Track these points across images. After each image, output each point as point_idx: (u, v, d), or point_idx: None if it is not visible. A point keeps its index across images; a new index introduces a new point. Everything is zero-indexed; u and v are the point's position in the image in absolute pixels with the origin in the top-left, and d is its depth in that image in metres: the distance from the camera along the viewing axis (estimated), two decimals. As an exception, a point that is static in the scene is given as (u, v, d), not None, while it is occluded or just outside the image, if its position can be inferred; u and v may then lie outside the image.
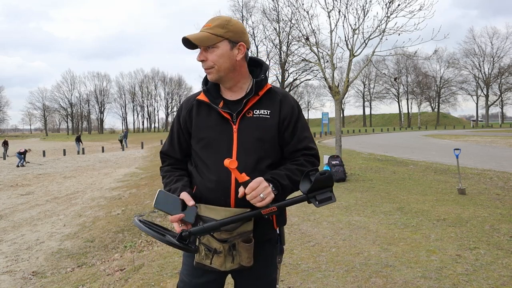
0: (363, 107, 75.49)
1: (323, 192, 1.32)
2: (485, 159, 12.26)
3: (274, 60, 42.15)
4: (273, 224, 1.47)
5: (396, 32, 8.71)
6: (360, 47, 9.06)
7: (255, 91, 1.43)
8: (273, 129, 1.43)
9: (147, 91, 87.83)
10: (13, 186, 12.13)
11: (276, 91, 1.50)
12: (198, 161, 1.47)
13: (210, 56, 1.39)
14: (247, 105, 1.42)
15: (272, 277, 1.53)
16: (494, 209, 5.35)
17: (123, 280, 3.51)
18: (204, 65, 1.41)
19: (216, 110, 1.43)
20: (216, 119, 1.43)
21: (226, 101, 1.45)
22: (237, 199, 1.37)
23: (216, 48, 1.38)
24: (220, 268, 1.37)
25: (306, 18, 9.56)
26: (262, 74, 1.48)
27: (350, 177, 8.71)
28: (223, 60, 1.39)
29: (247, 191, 1.25)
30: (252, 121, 1.42)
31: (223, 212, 1.36)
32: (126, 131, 38.90)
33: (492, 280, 3.02)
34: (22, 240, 5.90)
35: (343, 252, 3.80)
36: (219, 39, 1.37)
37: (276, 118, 1.44)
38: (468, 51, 60.05)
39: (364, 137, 31.27)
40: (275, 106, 1.45)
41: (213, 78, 1.42)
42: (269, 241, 1.50)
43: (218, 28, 1.37)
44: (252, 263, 1.38)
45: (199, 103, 1.48)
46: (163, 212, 1.31)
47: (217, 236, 1.34)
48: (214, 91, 1.48)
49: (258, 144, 1.41)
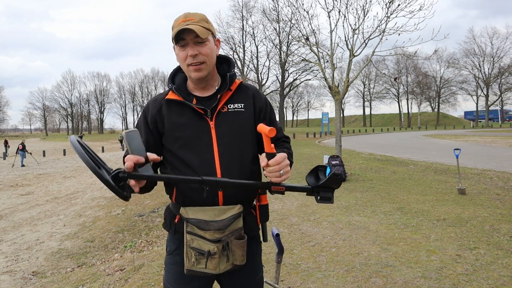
0: (363, 107, 75.53)
1: (326, 191, 1.34)
2: (485, 159, 12.26)
3: (274, 60, 42.17)
4: (257, 220, 1.45)
5: (396, 32, 8.71)
6: (360, 47, 9.07)
7: (228, 86, 1.40)
8: (250, 121, 1.42)
9: (147, 91, 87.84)
10: (13, 186, 12.13)
11: (247, 87, 1.49)
12: (176, 161, 1.38)
13: (202, 51, 1.32)
14: (222, 100, 1.39)
15: (259, 275, 1.50)
16: (494, 209, 5.35)
17: (123, 280, 3.51)
18: (194, 60, 1.32)
19: (189, 108, 1.38)
20: (190, 117, 1.38)
21: (198, 98, 1.40)
22: (225, 196, 1.33)
23: (208, 42, 1.34)
24: (214, 271, 1.31)
25: (306, 18, 9.57)
26: (232, 69, 1.45)
27: (350, 177, 8.71)
28: (212, 55, 1.36)
29: (271, 162, 1.21)
30: (228, 116, 1.39)
31: (211, 211, 1.32)
32: (126, 131, 38.81)
33: (492, 280, 3.02)
34: (22, 240, 5.90)
35: (343, 252, 3.80)
36: (209, 32, 1.33)
37: (251, 111, 1.43)
38: (468, 51, 60.02)
39: (364, 137, 31.27)
40: (248, 100, 1.44)
41: (202, 75, 1.35)
42: (254, 238, 1.47)
43: (204, 22, 1.33)
44: (245, 261, 1.35)
45: (169, 102, 1.41)
46: (127, 145, 1.17)
47: (210, 237, 1.29)
48: (184, 89, 1.42)
49: (238, 137, 1.39)
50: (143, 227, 5.86)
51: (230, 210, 1.33)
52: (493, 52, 58.31)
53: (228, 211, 1.33)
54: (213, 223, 1.30)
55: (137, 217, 6.47)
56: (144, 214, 6.56)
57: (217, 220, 1.31)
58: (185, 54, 1.33)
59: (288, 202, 6.12)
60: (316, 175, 1.37)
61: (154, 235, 5.40)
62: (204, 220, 1.31)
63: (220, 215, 1.32)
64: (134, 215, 6.62)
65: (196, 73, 1.34)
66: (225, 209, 1.33)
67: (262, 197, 1.46)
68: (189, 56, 1.32)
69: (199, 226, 1.31)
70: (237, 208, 1.34)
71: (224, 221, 1.31)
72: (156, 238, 5.20)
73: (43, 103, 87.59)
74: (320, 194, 1.33)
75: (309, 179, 1.36)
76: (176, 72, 1.49)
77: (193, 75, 1.35)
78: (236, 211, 1.33)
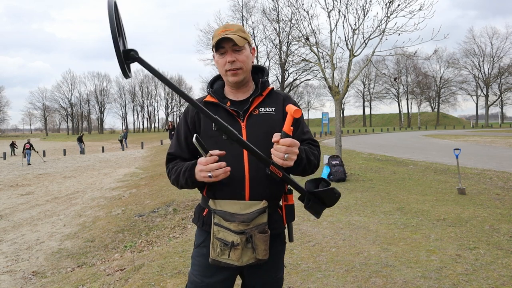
0: (363, 107, 75.52)
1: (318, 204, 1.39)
2: (485, 159, 12.26)
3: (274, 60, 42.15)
4: (283, 220, 1.53)
5: (396, 32, 8.71)
6: (360, 47, 9.07)
7: (260, 91, 1.52)
8: (279, 123, 1.48)
9: (147, 91, 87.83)
10: (13, 186, 12.13)
11: (278, 92, 1.60)
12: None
13: (239, 57, 1.45)
14: (253, 104, 1.51)
15: (280, 274, 1.57)
16: (494, 209, 5.35)
17: (123, 280, 3.51)
18: (232, 66, 1.44)
19: (224, 109, 1.49)
20: (224, 118, 1.46)
21: (232, 101, 1.52)
22: (251, 192, 1.43)
23: (244, 50, 1.47)
24: (237, 263, 1.38)
25: (306, 18, 9.56)
26: (265, 77, 1.57)
27: (350, 177, 8.72)
28: (248, 62, 1.49)
29: (282, 141, 1.29)
30: (258, 118, 1.50)
31: (237, 205, 1.41)
32: (126, 131, 38.90)
33: (492, 280, 3.02)
34: (22, 240, 5.91)
35: (343, 252, 3.81)
36: (245, 41, 1.47)
37: (280, 114, 1.52)
38: (468, 51, 60.06)
39: (364, 137, 31.27)
40: (279, 104, 1.54)
41: (239, 79, 1.48)
42: (278, 237, 1.54)
43: (242, 32, 1.47)
44: (267, 256, 1.41)
45: (206, 104, 1.53)
46: (200, 148, 1.30)
47: (234, 228, 1.37)
48: (220, 93, 1.55)
49: (266, 138, 1.44)
50: (143, 227, 5.86)
51: (256, 205, 1.41)
52: (493, 52, 58.38)
53: (253, 206, 1.41)
54: (238, 216, 1.39)
55: (137, 217, 6.47)
56: (144, 214, 6.57)
57: (242, 213, 1.40)
58: (224, 61, 1.46)
59: (288, 202, 6.12)
60: (316, 185, 1.41)
61: (154, 235, 5.40)
62: (230, 212, 1.40)
63: (246, 209, 1.40)
64: (134, 215, 6.62)
65: (233, 77, 1.47)
66: (251, 203, 1.42)
67: (288, 197, 1.54)
68: (227, 62, 1.45)
69: (224, 217, 1.40)
70: (262, 203, 1.42)
71: (249, 215, 1.39)
72: (156, 238, 5.20)
73: (43, 103, 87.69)
74: (311, 203, 1.39)
75: (308, 184, 1.41)
76: (216, 79, 1.63)
77: (230, 79, 1.48)
78: (261, 206, 1.41)
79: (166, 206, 6.87)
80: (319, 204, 1.39)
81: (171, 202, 7.10)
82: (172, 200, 7.20)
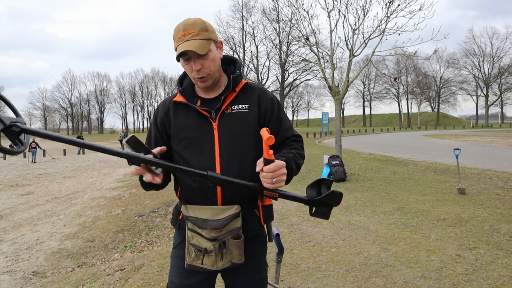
0: (363, 107, 75.55)
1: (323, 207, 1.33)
2: (485, 159, 12.26)
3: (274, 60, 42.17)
4: (260, 221, 1.47)
5: (396, 32, 8.71)
6: (360, 47, 9.07)
7: (232, 87, 1.42)
8: (254, 121, 1.42)
9: (147, 91, 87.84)
10: (13, 186, 12.13)
11: (253, 87, 1.50)
12: (180, 161, 1.44)
13: (205, 63, 1.34)
14: (225, 102, 1.42)
15: (262, 275, 1.52)
16: (494, 209, 5.35)
17: (123, 280, 3.51)
18: (199, 74, 1.35)
19: (194, 109, 1.42)
20: (195, 118, 1.42)
21: (203, 99, 1.44)
22: (224, 197, 1.37)
23: (210, 53, 1.35)
24: (212, 268, 1.36)
25: (306, 18, 9.57)
26: (237, 71, 1.46)
27: (350, 177, 8.72)
28: (215, 64, 1.38)
29: (265, 169, 1.22)
30: (231, 117, 1.41)
31: (209, 210, 1.36)
32: (126, 131, 38.92)
33: (492, 280, 3.02)
34: (22, 240, 5.90)
35: (343, 252, 3.81)
36: (209, 42, 1.34)
37: (255, 112, 1.44)
38: (468, 51, 60.09)
39: (364, 137, 31.27)
40: (253, 101, 1.45)
41: (208, 84, 1.39)
42: (257, 238, 1.49)
43: (204, 32, 1.33)
44: (243, 260, 1.38)
45: (176, 104, 1.46)
46: (130, 149, 1.22)
47: (206, 235, 1.34)
48: (190, 91, 1.46)
49: (239, 138, 1.40)
50: (143, 227, 5.86)
51: (228, 210, 1.36)
52: (493, 52, 58.41)
53: (225, 211, 1.36)
54: (210, 222, 1.34)
55: (137, 217, 6.47)
56: (144, 214, 6.56)
57: (214, 219, 1.34)
58: (189, 68, 1.36)
59: (288, 202, 6.12)
60: (318, 189, 1.35)
61: (154, 235, 5.40)
62: (202, 218, 1.35)
63: (218, 215, 1.35)
64: (134, 215, 6.63)
65: (202, 83, 1.39)
66: (223, 209, 1.36)
67: (265, 198, 1.46)
68: (194, 70, 1.35)
69: (197, 224, 1.36)
70: (235, 208, 1.36)
71: (221, 221, 1.34)
72: (156, 238, 5.20)
73: (43, 103, 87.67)
74: (316, 208, 1.32)
75: (309, 191, 1.34)
76: (185, 75, 1.52)
77: (200, 85, 1.40)
78: (233, 211, 1.36)
79: (166, 206, 6.87)
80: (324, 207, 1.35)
81: (171, 202, 7.10)
82: (172, 200, 7.20)
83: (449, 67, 62.17)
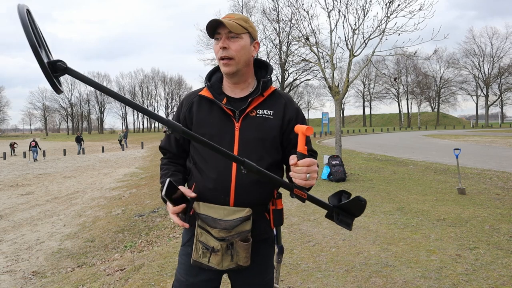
0: (363, 107, 75.52)
1: (346, 216, 1.32)
2: (485, 159, 12.26)
3: (274, 60, 42.10)
4: (270, 224, 1.47)
5: (396, 32, 8.71)
6: (360, 47, 9.07)
7: (261, 91, 1.41)
8: (275, 129, 1.42)
9: (147, 91, 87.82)
10: (13, 186, 12.13)
11: (281, 95, 1.49)
12: (197, 157, 1.44)
13: (233, 46, 1.34)
14: (252, 104, 1.41)
15: (268, 277, 1.52)
16: (494, 209, 5.35)
17: (123, 280, 3.51)
18: (223, 53, 1.34)
19: (218, 107, 1.41)
20: (218, 116, 1.41)
21: (229, 98, 1.43)
22: (236, 198, 1.37)
23: (240, 39, 1.36)
24: (217, 267, 1.36)
25: (306, 18, 9.57)
26: (268, 76, 1.46)
27: (350, 177, 8.72)
28: (243, 53, 1.37)
29: (300, 162, 1.19)
30: (254, 120, 1.40)
31: (221, 210, 1.36)
32: (126, 131, 38.92)
33: (492, 280, 3.02)
34: (22, 240, 5.90)
35: (343, 252, 3.81)
36: (244, 30, 1.36)
37: (279, 119, 1.43)
38: (468, 51, 60.06)
39: (364, 137, 31.27)
40: (279, 108, 1.44)
41: (231, 71, 1.37)
42: (265, 241, 1.49)
43: (242, 21, 1.37)
44: (249, 263, 1.38)
45: (201, 98, 1.45)
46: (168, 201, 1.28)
47: (215, 234, 1.34)
48: (217, 88, 1.45)
49: (259, 143, 1.39)
50: (143, 227, 5.86)
51: (239, 212, 1.35)
52: (492, 52, 58.38)
53: (237, 213, 1.35)
54: (220, 222, 1.34)
55: (137, 217, 6.47)
56: (144, 214, 6.56)
57: (225, 220, 1.35)
58: (217, 48, 1.36)
59: (288, 202, 6.12)
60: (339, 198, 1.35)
61: (154, 235, 5.40)
62: (213, 217, 1.35)
63: (229, 216, 1.35)
64: (134, 215, 6.63)
65: (224, 68, 1.37)
66: (235, 210, 1.36)
67: (277, 201, 1.47)
68: (220, 48, 1.35)
69: (207, 222, 1.36)
70: (246, 211, 1.36)
71: (231, 222, 1.34)
72: (156, 238, 5.20)
73: (43, 103, 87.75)
74: (339, 216, 1.31)
75: (331, 199, 1.34)
76: (215, 71, 1.53)
77: (222, 69, 1.39)
78: (244, 214, 1.35)
79: (166, 206, 6.87)
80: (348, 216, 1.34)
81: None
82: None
83: (449, 67, 62.18)
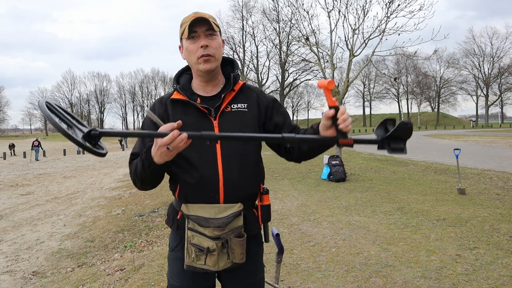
0: (363, 107, 75.55)
1: (397, 142, 1.27)
2: (485, 159, 12.26)
3: (274, 60, 42.10)
4: (258, 220, 1.47)
5: (396, 32, 8.72)
6: (360, 47, 9.08)
7: (232, 86, 1.42)
8: (253, 120, 1.42)
9: (147, 91, 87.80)
10: (13, 186, 12.13)
11: (251, 88, 1.51)
12: (180, 160, 1.38)
13: (212, 44, 1.35)
14: (225, 100, 1.41)
15: (259, 276, 1.51)
16: (494, 209, 5.35)
17: (123, 280, 3.51)
18: (205, 51, 1.33)
19: (194, 107, 1.39)
20: (194, 116, 1.39)
21: (202, 97, 1.42)
22: (226, 194, 1.35)
23: (217, 37, 1.37)
24: (213, 268, 1.34)
25: (306, 18, 9.58)
26: (235, 70, 1.46)
27: (350, 177, 8.71)
28: (220, 50, 1.39)
29: (341, 110, 1.17)
30: (231, 116, 1.40)
31: (212, 209, 1.34)
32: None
33: (492, 280, 3.02)
34: (22, 240, 5.90)
35: (343, 252, 3.81)
36: (218, 28, 1.38)
37: (254, 111, 1.44)
38: (468, 51, 60.10)
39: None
40: (251, 101, 1.45)
41: (211, 68, 1.36)
42: (255, 238, 1.48)
43: (214, 20, 1.37)
44: (244, 260, 1.37)
45: (174, 102, 1.43)
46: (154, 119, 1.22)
47: (209, 234, 1.32)
48: (188, 89, 1.44)
49: None
50: (143, 227, 5.86)
51: (231, 208, 1.35)
52: (492, 52, 58.41)
53: (228, 209, 1.34)
54: (213, 221, 1.33)
55: (137, 217, 6.47)
56: (144, 214, 6.56)
57: (217, 218, 1.33)
58: (195, 47, 1.34)
59: (288, 202, 6.12)
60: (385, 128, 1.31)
61: (154, 235, 5.40)
62: (204, 217, 1.33)
63: (220, 213, 1.34)
64: (134, 215, 6.63)
65: (206, 64, 1.35)
66: (226, 207, 1.35)
67: (264, 197, 1.47)
68: (200, 47, 1.33)
69: (199, 223, 1.34)
70: (237, 206, 1.35)
71: (224, 219, 1.33)
72: (156, 238, 5.20)
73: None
74: (391, 145, 1.26)
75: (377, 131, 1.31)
76: (182, 73, 1.52)
77: (202, 67, 1.36)
78: (236, 209, 1.35)
79: (166, 206, 6.87)
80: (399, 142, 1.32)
81: (171, 202, 7.10)
82: (172, 200, 7.20)
83: (449, 67, 62.20)
